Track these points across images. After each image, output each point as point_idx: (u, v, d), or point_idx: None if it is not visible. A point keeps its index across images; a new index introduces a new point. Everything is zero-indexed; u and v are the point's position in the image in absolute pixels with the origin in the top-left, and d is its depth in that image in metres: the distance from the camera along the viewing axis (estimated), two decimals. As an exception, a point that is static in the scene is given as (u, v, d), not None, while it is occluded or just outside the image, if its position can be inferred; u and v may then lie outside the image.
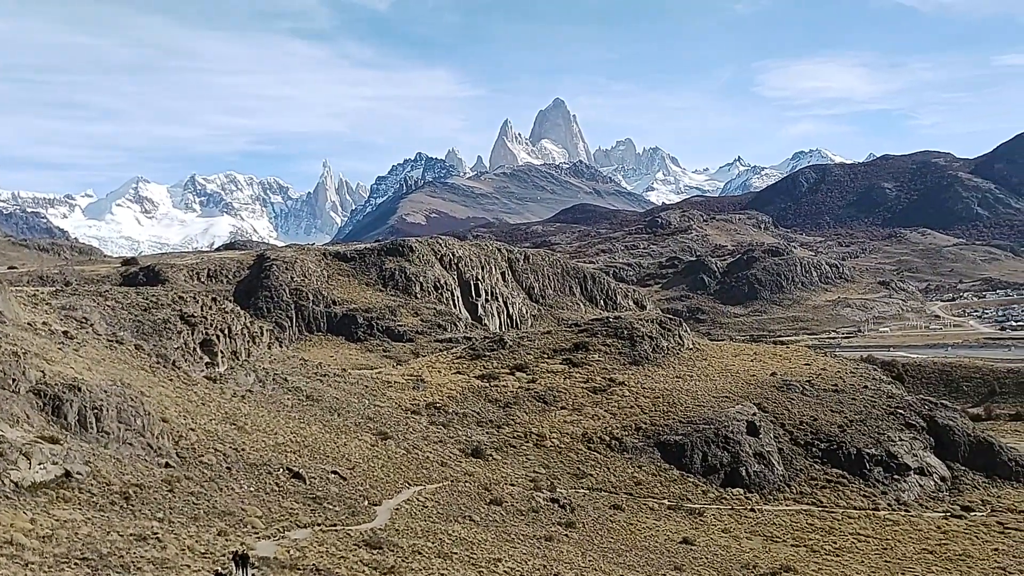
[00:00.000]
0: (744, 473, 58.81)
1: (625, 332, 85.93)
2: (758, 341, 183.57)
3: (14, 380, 33.80)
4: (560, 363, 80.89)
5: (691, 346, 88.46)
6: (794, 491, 58.69)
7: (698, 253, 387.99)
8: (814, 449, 63.10)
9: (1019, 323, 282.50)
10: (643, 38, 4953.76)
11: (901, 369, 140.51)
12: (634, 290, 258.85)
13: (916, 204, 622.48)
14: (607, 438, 62.05)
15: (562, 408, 68.44)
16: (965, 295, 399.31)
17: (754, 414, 64.45)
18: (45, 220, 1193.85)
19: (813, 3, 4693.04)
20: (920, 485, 60.99)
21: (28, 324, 47.70)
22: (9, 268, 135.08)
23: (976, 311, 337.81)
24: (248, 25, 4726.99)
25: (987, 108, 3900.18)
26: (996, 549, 47.45)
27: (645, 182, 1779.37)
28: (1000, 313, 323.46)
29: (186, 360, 55.97)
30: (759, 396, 70.34)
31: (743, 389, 72.44)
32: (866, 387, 75.13)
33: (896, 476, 61.01)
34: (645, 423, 63.97)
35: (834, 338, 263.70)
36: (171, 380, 49.89)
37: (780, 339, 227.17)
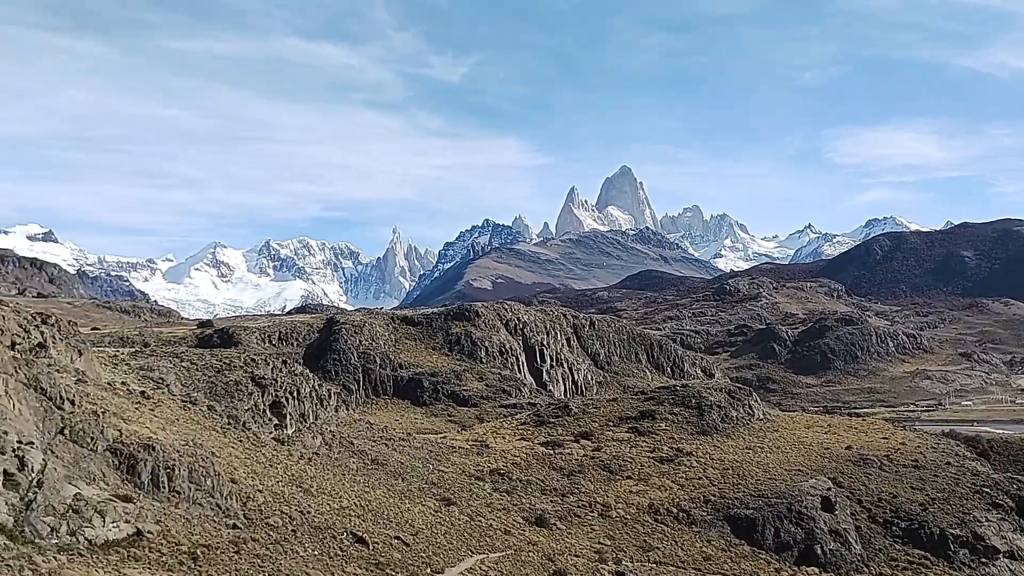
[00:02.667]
0: (819, 551, 56.47)
1: (693, 401, 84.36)
2: (832, 413, 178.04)
3: (92, 439, 34.76)
4: (626, 431, 79.63)
5: (762, 417, 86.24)
6: (873, 572, 56.00)
7: (768, 321, 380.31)
8: (894, 528, 60.34)
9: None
10: (709, 106, 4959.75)
11: (986, 445, 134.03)
12: (702, 358, 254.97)
13: (998, 273, 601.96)
14: (674, 510, 60.42)
15: (628, 478, 67.07)
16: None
17: (829, 489, 62.13)
18: (128, 283, 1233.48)
19: (884, 71, 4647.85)
20: (1011, 570, 57.58)
21: (108, 384, 49.22)
22: (92, 329, 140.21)
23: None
24: (323, 97, 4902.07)
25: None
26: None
27: (713, 249, 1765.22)
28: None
29: (256, 421, 56.84)
30: (834, 470, 67.89)
31: (817, 463, 70.04)
32: (949, 463, 71.92)
33: (983, 559, 57.78)
34: (714, 495, 62.17)
35: (913, 411, 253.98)
36: (241, 441, 50.65)
37: (855, 411, 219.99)
